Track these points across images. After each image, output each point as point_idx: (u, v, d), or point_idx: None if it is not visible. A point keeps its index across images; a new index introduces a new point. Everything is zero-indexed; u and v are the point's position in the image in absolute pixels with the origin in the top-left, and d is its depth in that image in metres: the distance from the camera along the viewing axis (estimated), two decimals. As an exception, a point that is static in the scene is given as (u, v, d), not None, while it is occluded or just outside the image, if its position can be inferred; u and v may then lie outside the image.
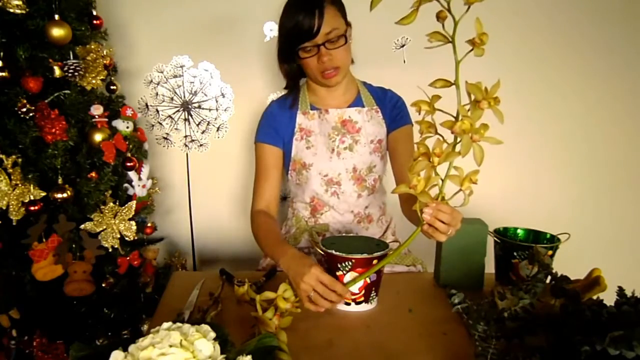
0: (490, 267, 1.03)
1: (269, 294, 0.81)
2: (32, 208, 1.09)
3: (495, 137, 0.72)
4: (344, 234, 1.22)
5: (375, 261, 0.88)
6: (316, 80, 1.18)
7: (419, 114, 0.76)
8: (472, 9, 0.68)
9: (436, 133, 0.76)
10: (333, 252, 0.88)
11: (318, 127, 1.23)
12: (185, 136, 1.40)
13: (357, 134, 1.22)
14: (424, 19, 0.73)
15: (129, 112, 1.35)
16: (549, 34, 1.58)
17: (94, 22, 1.27)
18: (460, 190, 0.77)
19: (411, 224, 1.59)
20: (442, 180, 0.77)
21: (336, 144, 1.22)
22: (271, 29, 1.34)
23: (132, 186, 1.36)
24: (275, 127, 1.24)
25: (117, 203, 1.23)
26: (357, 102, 1.25)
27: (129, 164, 1.31)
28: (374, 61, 1.44)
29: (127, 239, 1.25)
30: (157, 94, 1.37)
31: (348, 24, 1.15)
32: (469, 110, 0.71)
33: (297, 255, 0.94)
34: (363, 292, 0.90)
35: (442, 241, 0.92)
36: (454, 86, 0.73)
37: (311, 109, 1.24)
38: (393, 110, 1.25)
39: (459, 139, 0.72)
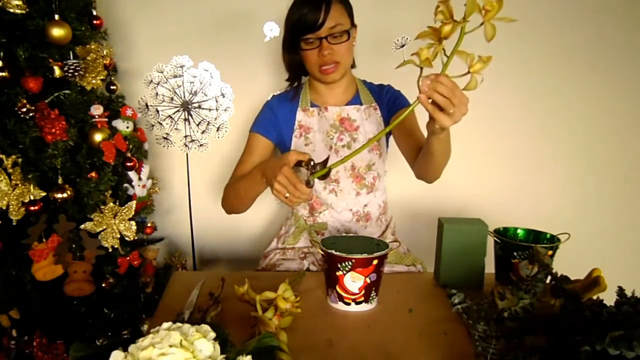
0: (490, 267, 1.03)
1: (269, 294, 0.81)
2: (32, 208, 1.09)
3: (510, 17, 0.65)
4: (344, 234, 1.23)
5: (375, 261, 0.88)
6: (314, 75, 1.19)
7: None
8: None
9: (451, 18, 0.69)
10: (333, 252, 0.88)
11: (317, 124, 1.24)
12: (185, 136, 1.40)
13: (355, 132, 1.23)
14: (425, 17, 0.73)
15: (129, 112, 1.36)
16: (550, 34, 1.58)
17: (94, 22, 1.27)
18: (469, 72, 0.70)
19: (411, 225, 1.60)
20: (448, 56, 0.70)
21: (334, 142, 1.23)
22: (271, 29, 1.34)
23: (132, 186, 1.36)
24: (272, 120, 1.26)
25: (117, 203, 1.23)
26: (356, 100, 1.25)
27: (129, 164, 1.31)
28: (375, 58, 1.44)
29: (127, 239, 1.25)
30: (157, 94, 1.36)
31: (354, 25, 1.16)
32: None
33: (270, 162, 1.02)
34: (363, 292, 0.90)
35: (446, 125, 0.79)
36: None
37: (311, 106, 1.25)
38: (390, 99, 1.26)
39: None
